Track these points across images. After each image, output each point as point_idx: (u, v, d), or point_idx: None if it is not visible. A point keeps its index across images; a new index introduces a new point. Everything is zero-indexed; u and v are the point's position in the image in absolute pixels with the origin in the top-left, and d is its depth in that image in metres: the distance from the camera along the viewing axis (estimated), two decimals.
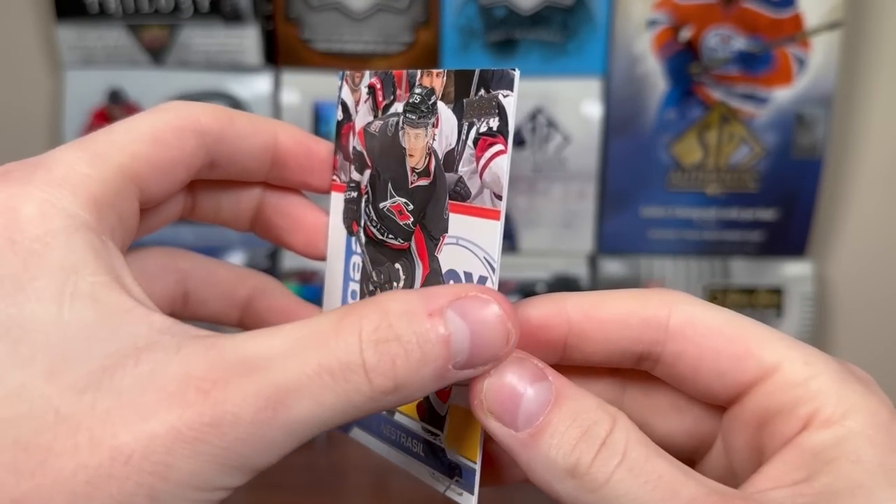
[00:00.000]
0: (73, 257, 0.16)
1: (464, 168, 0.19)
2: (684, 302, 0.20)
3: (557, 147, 0.56)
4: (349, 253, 0.24)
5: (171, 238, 0.54)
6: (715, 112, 0.55)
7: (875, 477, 0.17)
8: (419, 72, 0.21)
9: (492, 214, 0.19)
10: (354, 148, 0.24)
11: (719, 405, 0.21)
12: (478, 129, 0.19)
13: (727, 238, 0.58)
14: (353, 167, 0.24)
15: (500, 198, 0.18)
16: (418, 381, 0.17)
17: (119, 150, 0.19)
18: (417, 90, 0.21)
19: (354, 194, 0.24)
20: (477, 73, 0.19)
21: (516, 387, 0.17)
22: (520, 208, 0.58)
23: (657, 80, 0.55)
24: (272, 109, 0.57)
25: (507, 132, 0.18)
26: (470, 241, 0.19)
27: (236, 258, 0.59)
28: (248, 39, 0.55)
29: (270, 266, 0.59)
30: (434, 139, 0.20)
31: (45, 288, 0.16)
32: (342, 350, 0.16)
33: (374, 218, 0.23)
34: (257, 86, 0.57)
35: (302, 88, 0.57)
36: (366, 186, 0.23)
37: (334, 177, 0.25)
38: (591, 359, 0.21)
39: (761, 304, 0.58)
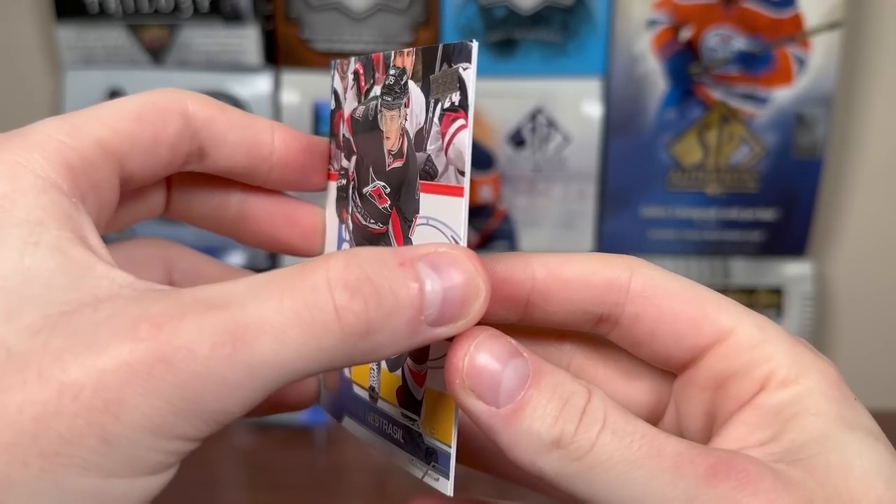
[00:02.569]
0: (40, 212, 0.16)
1: (431, 146, 0.19)
2: (645, 266, 0.20)
3: (557, 147, 0.56)
4: (340, 241, 0.24)
5: (170, 237, 0.54)
6: (715, 112, 0.55)
7: (836, 426, 0.18)
8: (393, 52, 0.21)
9: (456, 191, 0.18)
10: (344, 135, 0.23)
11: (670, 371, 0.21)
12: (442, 106, 0.19)
13: (727, 238, 0.58)
14: (343, 155, 0.24)
15: (462, 174, 0.18)
16: (390, 330, 0.16)
17: (100, 123, 0.19)
18: (392, 71, 0.21)
19: (344, 181, 0.24)
20: (440, 47, 0.19)
21: (496, 363, 0.17)
22: (520, 208, 0.58)
23: (657, 80, 0.55)
24: (272, 109, 0.57)
25: (468, 105, 0.18)
26: (438, 221, 0.19)
27: (236, 258, 0.59)
28: (248, 39, 0.55)
29: (271, 266, 0.59)
30: (406, 119, 0.20)
31: (7, 237, 0.15)
32: (309, 287, 0.15)
33: (359, 204, 0.23)
34: (257, 86, 0.57)
35: (302, 88, 0.57)
36: (352, 173, 0.23)
37: (330, 166, 0.24)
38: (552, 318, 0.21)
39: (761, 304, 0.58)
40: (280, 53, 0.57)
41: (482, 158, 0.57)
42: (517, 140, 0.56)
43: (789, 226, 0.58)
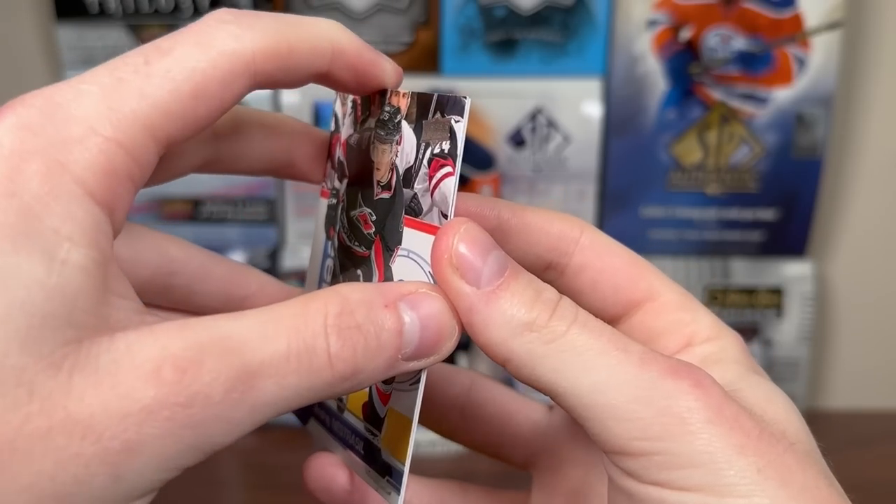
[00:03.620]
0: (71, 226, 0.15)
1: (419, 185, 0.20)
2: (594, 228, 0.23)
3: (557, 147, 0.56)
4: (325, 256, 0.25)
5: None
6: (715, 112, 0.55)
7: (753, 372, 0.21)
8: (389, 91, 0.22)
9: (432, 229, 0.20)
10: (339, 158, 0.24)
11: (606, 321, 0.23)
12: (432, 150, 0.20)
13: (727, 238, 0.58)
14: (336, 176, 0.24)
15: (445, 217, 0.19)
16: (372, 369, 0.17)
17: (151, 105, 0.16)
18: (387, 108, 0.22)
19: (334, 201, 0.25)
20: (435, 97, 0.20)
21: (484, 245, 0.18)
22: None
23: (657, 80, 0.55)
24: (272, 109, 0.57)
25: (456, 155, 0.19)
26: (418, 255, 0.20)
27: (236, 258, 0.59)
28: None
29: (270, 266, 0.59)
30: (397, 155, 0.21)
31: (35, 247, 0.15)
32: (310, 334, 0.16)
33: (346, 225, 0.24)
34: None
35: (302, 88, 0.57)
36: (343, 195, 0.24)
37: (322, 184, 0.25)
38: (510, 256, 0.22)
39: (761, 304, 0.58)
40: None
41: (482, 158, 0.57)
42: (517, 140, 0.56)
43: (789, 226, 0.58)
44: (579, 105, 0.56)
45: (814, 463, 0.18)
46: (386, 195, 0.22)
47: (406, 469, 0.20)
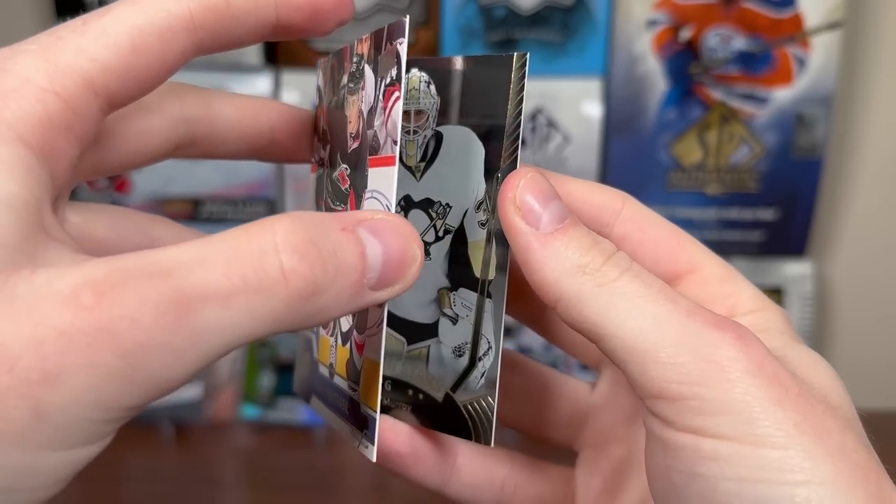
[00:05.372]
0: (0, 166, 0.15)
1: (377, 122, 0.20)
2: (636, 200, 0.23)
3: (557, 147, 0.56)
4: None
5: None
6: (715, 112, 0.55)
7: (794, 340, 0.21)
8: (356, 41, 0.21)
9: (389, 161, 0.19)
10: (322, 127, 0.24)
11: None
12: (385, 82, 0.19)
13: (727, 238, 0.58)
14: (321, 146, 0.24)
15: (395, 143, 0.19)
16: (335, 293, 0.16)
17: (88, 59, 0.16)
18: (354, 59, 0.21)
19: (321, 171, 0.24)
20: (386, 28, 0.19)
21: (547, 193, 0.19)
22: None
23: (657, 80, 0.55)
24: None
25: (401, 77, 0.19)
26: (379, 192, 0.20)
27: None
28: None
29: None
30: (363, 101, 0.21)
31: None
32: (255, 252, 0.15)
33: (330, 189, 0.23)
34: (257, 86, 0.57)
35: (302, 88, 0.57)
36: (326, 160, 0.24)
37: (312, 159, 0.25)
38: None
39: None
40: (280, 53, 0.57)
41: None
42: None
43: (789, 226, 0.58)
44: (579, 105, 0.56)
45: (853, 428, 0.18)
46: (356, 144, 0.21)
47: (377, 415, 0.19)
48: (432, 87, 0.22)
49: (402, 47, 0.19)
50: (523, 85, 0.21)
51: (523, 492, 0.25)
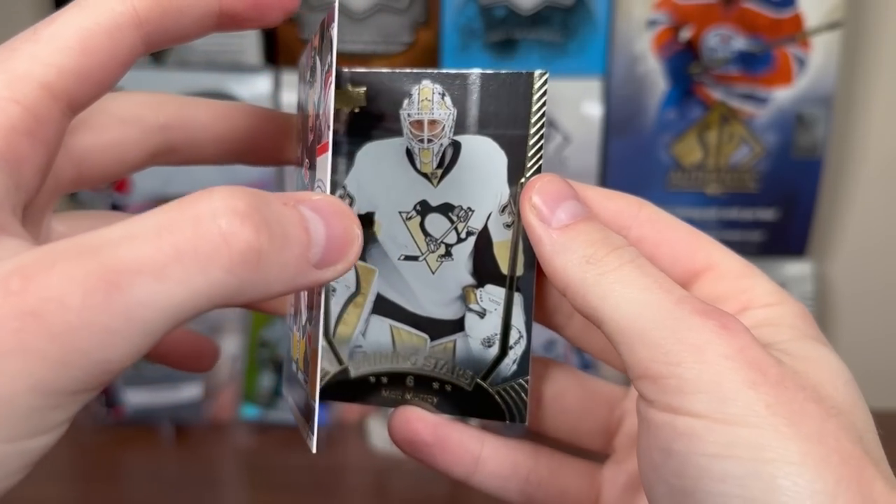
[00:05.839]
0: None
1: (320, 110, 0.20)
2: (653, 205, 0.24)
3: (557, 147, 0.56)
4: None
5: None
6: (715, 112, 0.55)
7: (810, 338, 0.21)
8: (313, 35, 0.21)
9: (324, 147, 0.19)
10: (298, 126, 0.24)
11: None
12: (323, 70, 0.20)
13: (727, 238, 0.58)
14: (299, 145, 0.24)
15: (329, 127, 0.19)
16: (281, 265, 0.16)
17: (42, 65, 0.17)
18: (312, 53, 0.22)
19: (297, 169, 0.24)
20: (324, 19, 0.20)
21: (559, 195, 0.21)
22: None
23: (657, 80, 0.55)
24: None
25: (332, 63, 0.19)
26: (320, 179, 0.20)
27: None
28: (248, 39, 0.55)
29: None
30: (316, 93, 0.21)
31: None
32: (190, 219, 0.15)
33: (300, 186, 0.24)
34: (257, 86, 0.57)
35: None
36: (299, 158, 0.24)
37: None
38: None
39: None
40: (280, 53, 0.57)
41: None
42: None
43: (789, 226, 0.58)
44: (579, 105, 0.56)
45: (843, 420, 0.18)
46: (312, 136, 0.21)
47: (315, 404, 0.19)
48: (447, 98, 0.22)
49: (333, 32, 0.19)
50: (545, 101, 0.22)
51: (548, 484, 0.25)
